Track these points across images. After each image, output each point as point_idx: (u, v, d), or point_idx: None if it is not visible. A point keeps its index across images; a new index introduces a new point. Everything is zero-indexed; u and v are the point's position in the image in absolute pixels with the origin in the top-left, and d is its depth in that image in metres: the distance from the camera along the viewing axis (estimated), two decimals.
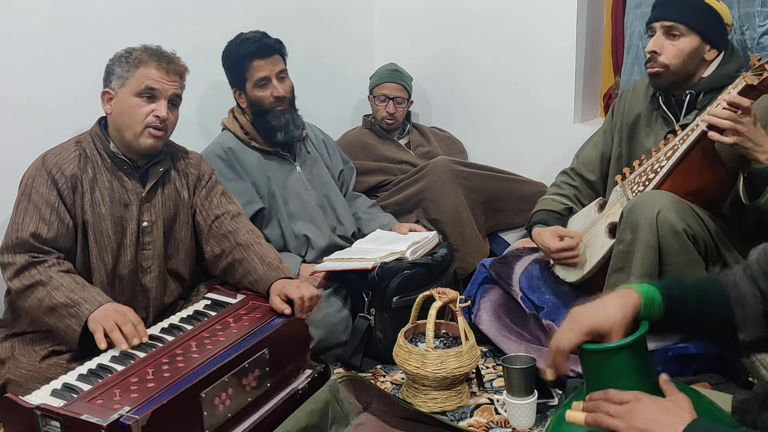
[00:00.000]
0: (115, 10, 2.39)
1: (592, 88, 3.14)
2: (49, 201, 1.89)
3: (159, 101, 1.94)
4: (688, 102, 2.14)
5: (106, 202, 1.95)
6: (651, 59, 2.14)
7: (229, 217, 2.12)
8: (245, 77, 2.48)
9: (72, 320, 1.78)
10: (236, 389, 1.71)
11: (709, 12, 2.10)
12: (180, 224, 2.09)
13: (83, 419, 1.45)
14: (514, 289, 2.36)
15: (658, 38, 2.12)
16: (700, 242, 1.94)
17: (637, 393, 1.11)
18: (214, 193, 2.15)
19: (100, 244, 1.94)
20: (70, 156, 1.94)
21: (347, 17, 3.31)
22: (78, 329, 1.77)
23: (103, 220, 1.94)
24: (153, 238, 2.02)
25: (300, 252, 2.53)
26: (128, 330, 1.77)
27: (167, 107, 1.95)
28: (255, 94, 2.49)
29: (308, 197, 2.60)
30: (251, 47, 2.46)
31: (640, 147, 2.26)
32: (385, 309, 2.29)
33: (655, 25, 2.14)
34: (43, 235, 1.87)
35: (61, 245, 1.90)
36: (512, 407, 1.92)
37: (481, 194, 2.80)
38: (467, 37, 3.21)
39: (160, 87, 1.94)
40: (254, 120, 2.54)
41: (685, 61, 2.11)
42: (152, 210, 2.01)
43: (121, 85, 1.94)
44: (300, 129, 2.59)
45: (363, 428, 1.82)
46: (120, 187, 1.97)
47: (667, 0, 2.14)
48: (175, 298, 2.12)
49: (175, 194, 2.07)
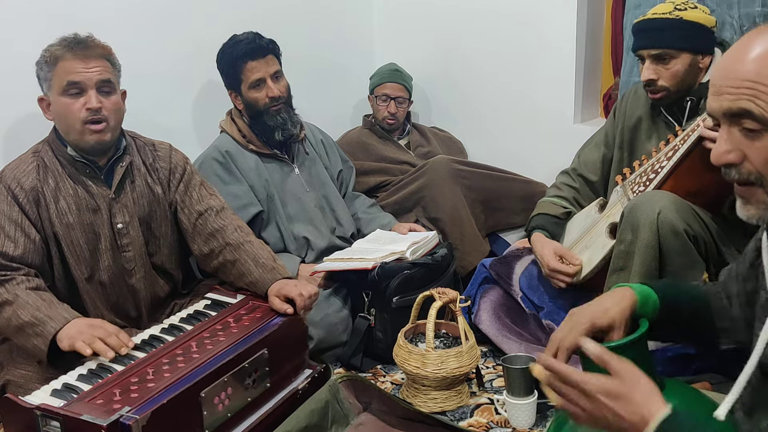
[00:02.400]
0: (115, 13, 2.39)
1: (592, 89, 3.14)
2: (12, 217, 1.83)
3: (87, 92, 1.84)
4: (689, 107, 2.14)
5: (73, 211, 1.89)
6: (649, 84, 2.12)
7: (214, 214, 2.07)
8: (240, 79, 2.48)
9: (38, 339, 1.70)
10: (236, 389, 1.71)
11: (691, 27, 2.06)
12: (158, 221, 2.04)
13: (83, 419, 1.45)
14: (514, 289, 2.36)
15: (649, 66, 2.10)
16: (701, 242, 1.94)
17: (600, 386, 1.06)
18: (193, 186, 2.09)
19: (74, 255, 1.90)
20: (27, 168, 1.88)
21: (347, 17, 3.31)
22: (44, 348, 1.70)
23: (72, 229, 1.89)
24: (131, 239, 1.97)
25: (300, 254, 2.53)
26: (113, 342, 1.71)
27: (97, 96, 1.85)
28: (250, 95, 2.48)
29: (307, 199, 2.60)
30: (244, 49, 2.45)
31: (642, 150, 2.25)
32: (385, 309, 2.29)
33: (642, 52, 2.12)
34: (10, 253, 1.81)
35: (30, 261, 1.83)
36: (512, 407, 1.92)
37: (481, 193, 2.80)
38: (467, 37, 3.21)
39: (82, 78, 1.84)
40: (251, 122, 2.53)
41: (683, 79, 2.10)
42: (125, 210, 1.96)
43: (49, 87, 1.87)
44: (298, 127, 2.58)
45: (363, 428, 1.82)
46: (85, 193, 1.91)
47: (647, 26, 2.10)
48: (166, 293, 2.10)
49: (148, 191, 2.02)
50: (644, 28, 2.11)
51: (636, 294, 1.21)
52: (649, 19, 2.10)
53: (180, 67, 2.62)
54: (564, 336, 1.18)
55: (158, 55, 2.52)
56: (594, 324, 1.17)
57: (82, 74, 1.84)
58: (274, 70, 2.50)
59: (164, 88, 2.56)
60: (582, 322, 1.18)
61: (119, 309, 1.99)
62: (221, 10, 2.72)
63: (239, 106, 2.54)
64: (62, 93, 1.85)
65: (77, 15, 2.28)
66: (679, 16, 2.05)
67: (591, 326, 1.17)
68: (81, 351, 1.68)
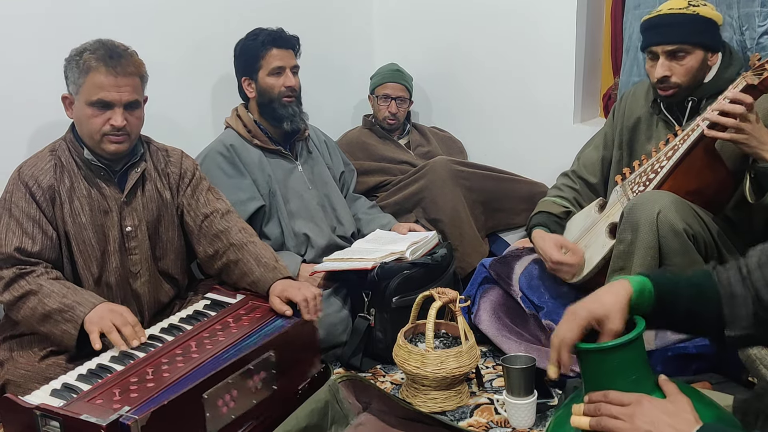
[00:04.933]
0: (117, 13, 2.39)
1: (592, 89, 3.14)
2: (30, 214, 1.86)
3: (114, 109, 1.86)
4: (690, 108, 2.14)
5: (86, 211, 1.91)
6: (662, 81, 2.10)
7: (219, 216, 2.09)
8: (260, 65, 2.52)
9: (68, 325, 1.76)
10: (241, 391, 1.70)
11: (705, 23, 2.06)
12: (165, 225, 2.05)
13: (83, 419, 1.45)
14: (513, 289, 2.36)
15: (663, 63, 2.08)
16: (701, 242, 1.94)
17: (637, 395, 1.11)
18: (200, 191, 2.11)
19: (84, 254, 1.92)
20: (45, 167, 1.90)
21: (347, 17, 3.31)
22: (75, 333, 1.75)
23: (84, 229, 1.91)
24: (139, 243, 1.99)
25: (299, 251, 2.53)
26: (128, 332, 1.76)
27: (124, 114, 1.87)
28: (267, 81, 2.52)
29: (309, 196, 2.60)
30: (272, 35, 2.53)
31: (641, 150, 2.25)
32: (384, 309, 2.29)
33: (655, 49, 2.10)
34: (28, 249, 1.84)
35: (48, 257, 1.87)
36: (512, 407, 1.91)
37: (481, 194, 2.80)
38: (467, 36, 3.21)
39: (112, 98, 1.85)
40: (261, 109, 2.56)
41: (695, 75, 2.09)
42: (134, 214, 1.98)
43: (76, 92, 1.88)
44: (304, 123, 2.61)
45: (363, 428, 1.81)
46: (98, 195, 1.93)
47: (662, 22, 2.08)
48: (169, 299, 2.11)
49: (157, 196, 2.03)
50: (658, 24, 2.09)
51: (632, 285, 1.20)
52: (665, 14, 2.08)
53: (181, 65, 2.62)
54: (564, 335, 1.18)
55: (160, 52, 2.52)
56: (591, 316, 1.17)
57: (112, 94, 1.85)
58: (294, 64, 2.57)
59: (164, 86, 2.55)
60: (579, 317, 1.18)
61: None
62: (221, 9, 2.73)
63: (251, 93, 2.56)
64: (89, 104, 1.86)
65: (78, 12, 2.29)
66: (696, 12, 2.05)
67: (588, 318, 1.17)
68: (92, 343, 1.72)
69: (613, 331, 1.16)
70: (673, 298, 1.22)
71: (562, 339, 1.18)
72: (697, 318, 1.24)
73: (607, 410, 1.11)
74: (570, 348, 1.17)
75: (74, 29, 2.06)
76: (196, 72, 2.67)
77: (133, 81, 1.90)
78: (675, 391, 1.14)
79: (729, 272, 1.24)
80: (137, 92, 1.92)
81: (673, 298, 1.22)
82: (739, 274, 1.23)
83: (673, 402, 1.11)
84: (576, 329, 1.17)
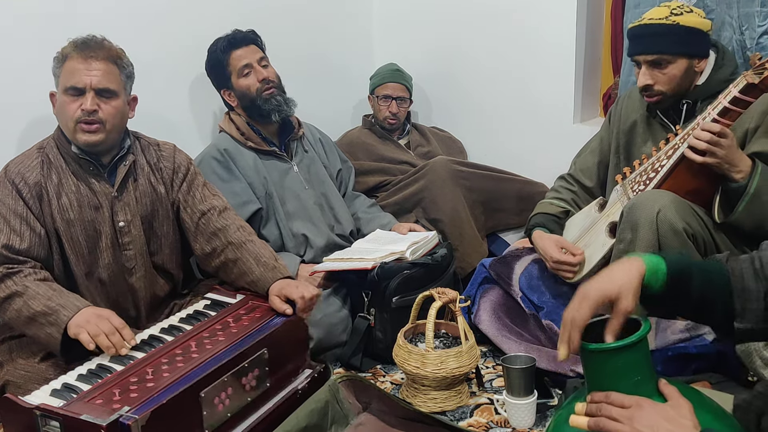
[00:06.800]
0: (114, 15, 2.38)
1: (592, 88, 3.14)
2: (17, 211, 1.85)
3: (85, 95, 1.85)
4: (686, 111, 2.14)
5: (75, 207, 1.90)
6: (646, 90, 2.12)
7: (216, 213, 2.08)
8: (229, 72, 2.52)
9: (51, 328, 1.73)
10: (235, 389, 1.71)
11: (687, 32, 2.04)
12: (160, 220, 2.04)
13: (83, 419, 1.45)
14: (513, 289, 2.36)
15: (645, 72, 2.09)
16: (700, 241, 1.94)
17: (638, 398, 1.11)
18: (196, 187, 2.10)
19: (75, 250, 1.91)
20: (32, 164, 1.90)
21: (347, 17, 3.30)
22: (58, 336, 1.72)
23: (73, 226, 1.90)
24: (133, 238, 1.98)
25: (299, 251, 2.53)
26: (116, 340, 1.72)
27: (95, 99, 1.85)
28: (241, 84, 2.52)
29: (306, 196, 2.60)
30: (227, 41, 2.53)
31: (637, 153, 2.25)
32: (384, 309, 2.29)
33: (638, 58, 2.11)
34: (16, 246, 1.82)
35: (36, 254, 1.86)
36: (512, 407, 1.91)
37: (481, 194, 2.80)
38: (467, 36, 3.21)
39: (82, 80, 1.85)
40: (247, 112, 2.55)
41: (680, 82, 2.09)
42: (127, 209, 1.97)
43: (57, 84, 1.90)
44: (293, 108, 2.59)
45: (363, 428, 1.81)
46: (88, 190, 1.92)
47: (643, 32, 2.08)
48: (166, 293, 2.10)
49: (150, 190, 2.02)
50: (639, 34, 2.10)
51: (645, 263, 1.19)
52: (645, 25, 2.08)
53: (181, 65, 2.62)
54: (575, 313, 1.17)
55: (160, 52, 2.52)
56: (603, 295, 1.16)
57: (83, 78, 1.86)
58: (260, 57, 2.55)
59: (163, 85, 2.56)
60: (591, 296, 1.17)
61: (118, 307, 1.99)
62: (220, 10, 2.72)
63: (233, 102, 2.56)
64: (64, 91, 1.87)
65: (76, 13, 2.28)
66: (676, 21, 2.04)
67: (600, 297, 1.16)
68: (84, 344, 1.70)
69: (626, 310, 1.15)
70: (686, 282, 1.20)
71: (572, 319, 1.17)
72: (707, 305, 1.22)
73: (608, 411, 1.11)
74: (581, 328, 1.16)
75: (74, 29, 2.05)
76: (196, 73, 2.66)
77: (105, 66, 1.88)
78: (676, 395, 1.13)
79: (742, 265, 1.23)
80: (111, 80, 1.89)
81: (686, 283, 1.20)
82: (752, 268, 1.22)
83: (674, 407, 1.11)
84: (587, 309, 1.16)
